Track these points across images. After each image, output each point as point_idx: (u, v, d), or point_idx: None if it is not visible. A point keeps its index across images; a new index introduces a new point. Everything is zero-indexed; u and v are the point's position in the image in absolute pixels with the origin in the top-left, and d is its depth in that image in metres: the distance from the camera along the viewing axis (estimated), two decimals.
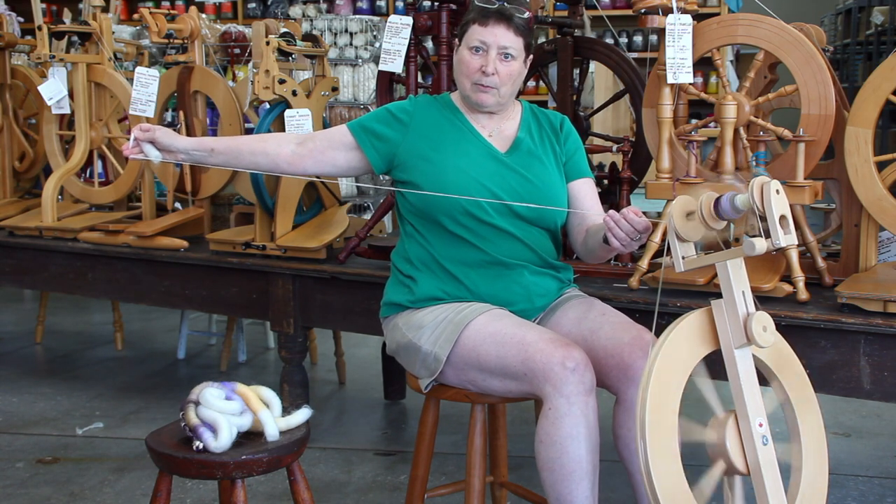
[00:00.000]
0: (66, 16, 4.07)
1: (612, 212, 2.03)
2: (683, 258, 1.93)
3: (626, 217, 2.00)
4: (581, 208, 2.33)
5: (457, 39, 2.31)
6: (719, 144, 2.63)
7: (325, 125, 3.34)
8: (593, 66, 3.60)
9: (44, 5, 4.82)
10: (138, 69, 3.56)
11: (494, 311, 2.18)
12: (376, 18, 4.70)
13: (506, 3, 2.22)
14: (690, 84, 2.66)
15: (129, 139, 2.31)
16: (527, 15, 2.25)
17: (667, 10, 2.60)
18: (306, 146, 2.35)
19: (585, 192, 2.37)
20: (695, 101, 2.76)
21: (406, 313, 2.29)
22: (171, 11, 4.13)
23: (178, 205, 3.79)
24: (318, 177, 2.97)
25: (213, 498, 2.89)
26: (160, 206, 3.82)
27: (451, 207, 2.21)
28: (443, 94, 2.42)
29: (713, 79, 7.62)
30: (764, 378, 1.96)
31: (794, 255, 2.50)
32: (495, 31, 2.21)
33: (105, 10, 3.87)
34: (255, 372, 4.25)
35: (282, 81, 3.11)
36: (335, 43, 4.55)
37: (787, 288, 2.52)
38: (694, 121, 2.88)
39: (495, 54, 2.21)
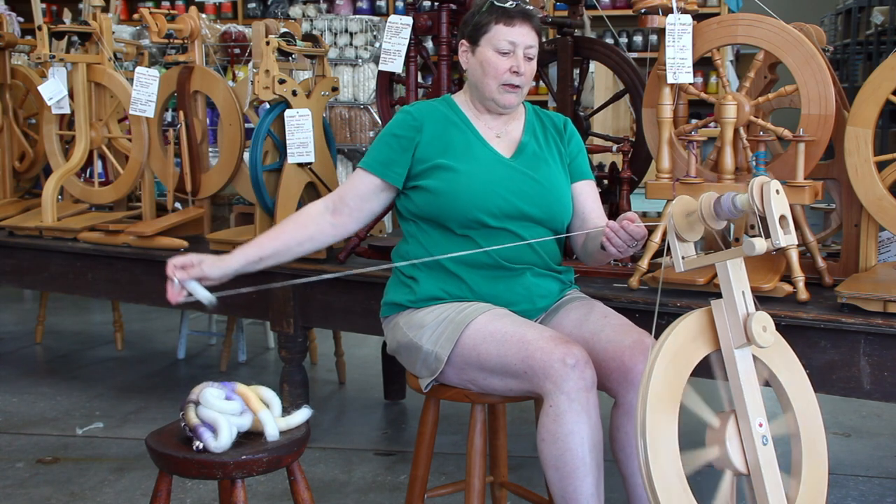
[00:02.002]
0: (66, 16, 4.06)
1: (611, 222, 2.06)
2: (683, 258, 1.94)
3: (625, 228, 2.02)
4: (583, 210, 2.35)
5: (465, 41, 2.29)
6: (719, 144, 2.63)
7: (325, 125, 3.34)
8: (593, 66, 3.60)
9: (44, 5, 4.82)
10: (138, 69, 3.56)
11: (495, 311, 2.18)
12: (376, 18, 4.69)
13: (521, 3, 2.24)
14: (690, 84, 2.66)
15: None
16: (540, 14, 2.28)
17: (667, 10, 2.60)
18: (342, 212, 2.32)
19: (587, 194, 2.38)
20: (695, 101, 2.76)
21: (407, 313, 2.29)
22: (171, 11, 4.13)
23: (178, 205, 3.79)
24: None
25: (213, 498, 2.89)
26: (160, 206, 3.82)
27: (463, 215, 2.22)
28: (444, 96, 2.41)
29: (713, 79, 7.61)
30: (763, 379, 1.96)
31: (794, 255, 2.50)
32: (522, 31, 2.22)
33: (105, 10, 3.87)
34: (255, 372, 4.25)
35: (282, 81, 3.11)
36: (335, 43, 4.54)
37: (787, 288, 2.52)
38: (694, 121, 2.88)
39: (522, 54, 2.23)
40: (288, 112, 3.14)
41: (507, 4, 2.23)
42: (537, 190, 2.26)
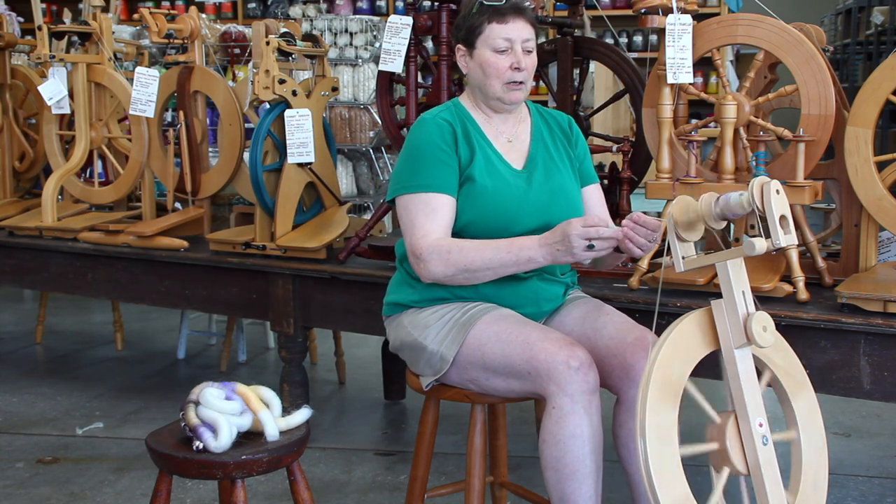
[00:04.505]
0: (66, 16, 4.06)
1: (626, 222, 2.02)
2: (683, 258, 1.94)
3: (637, 221, 2.00)
4: (591, 214, 2.31)
5: (461, 45, 2.25)
6: (719, 144, 2.63)
7: (325, 125, 3.34)
8: (593, 66, 3.60)
9: (44, 5, 4.82)
10: (138, 69, 3.56)
11: (499, 311, 2.17)
12: (376, 18, 4.69)
13: None
14: (690, 84, 2.66)
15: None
16: (532, 5, 2.25)
17: (667, 10, 2.60)
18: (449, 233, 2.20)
19: (595, 198, 2.36)
20: (695, 101, 2.76)
21: (411, 311, 2.27)
22: (171, 11, 4.13)
23: (178, 205, 3.79)
24: None
25: (213, 498, 2.89)
26: (160, 206, 3.82)
27: (487, 234, 2.17)
28: (454, 100, 2.34)
29: (713, 79, 7.62)
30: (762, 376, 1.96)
31: (794, 255, 2.50)
32: (516, 26, 2.19)
33: (105, 10, 3.87)
34: (255, 372, 4.25)
35: (282, 81, 3.11)
36: (335, 43, 4.55)
37: (787, 288, 2.52)
38: (694, 121, 2.88)
39: (520, 49, 2.19)
40: (288, 112, 3.14)
41: (497, 2, 2.19)
42: (554, 200, 2.22)
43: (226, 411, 1.92)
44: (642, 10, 2.64)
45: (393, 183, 2.25)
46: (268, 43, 3.11)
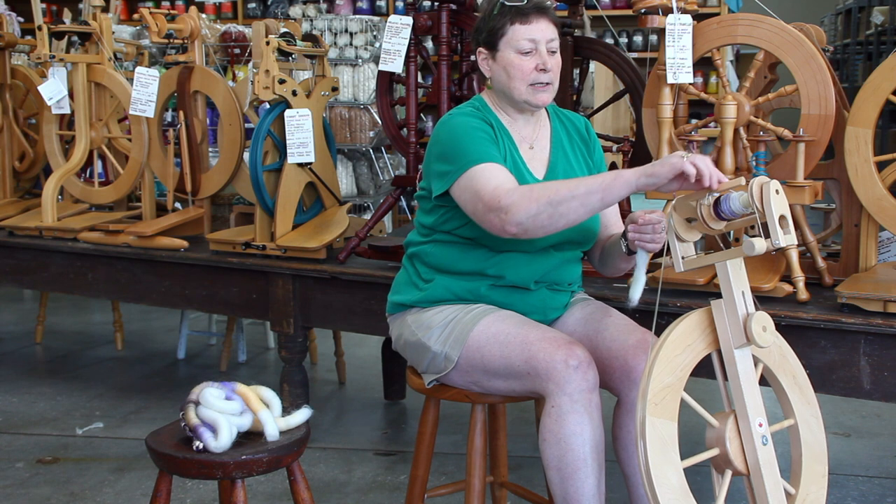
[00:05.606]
0: (66, 16, 4.07)
1: (631, 227, 2.01)
2: (683, 258, 1.94)
3: (638, 220, 1.99)
4: (607, 223, 2.30)
5: (482, 49, 2.21)
6: (719, 144, 2.63)
7: (325, 125, 3.34)
8: (593, 66, 3.60)
9: (44, 5, 4.82)
10: (138, 69, 3.56)
11: (500, 312, 2.17)
12: (376, 18, 4.70)
13: None
14: (690, 84, 2.66)
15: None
16: (555, 5, 2.21)
17: (667, 10, 2.60)
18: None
19: (612, 209, 2.32)
20: (695, 101, 2.76)
21: (414, 311, 2.27)
22: (171, 11, 4.13)
23: (178, 205, 3.80)
24: None
25: (213, 498, 2.89)
26: (160, 206, 3.82)
27: (510, 244, 2.14)
28: (477, 97, 2.29)
29: (713, 79, 7.61)
30: (763, 378, 1.96)
31: (794, 255, 2.50)
32: (540, 26, 2.14)
33: (105, 10, 3.87)
34: (255, 372, 4.25)
35: (282, 81, 3.11)
36: (335, 43, 4.55)
37: (787, 288, 2.52)
38: (694, 121, 2.88)
39: (544, 49, 2.15)
40: (288, 112, 3.14)
41: (519, 2, 2.15)
42: None
43: (226, 411, 1.92)
44: (642, 10, 2.64)
45: (437, 180, 2.16)
46: (268, 43, 3.11)
